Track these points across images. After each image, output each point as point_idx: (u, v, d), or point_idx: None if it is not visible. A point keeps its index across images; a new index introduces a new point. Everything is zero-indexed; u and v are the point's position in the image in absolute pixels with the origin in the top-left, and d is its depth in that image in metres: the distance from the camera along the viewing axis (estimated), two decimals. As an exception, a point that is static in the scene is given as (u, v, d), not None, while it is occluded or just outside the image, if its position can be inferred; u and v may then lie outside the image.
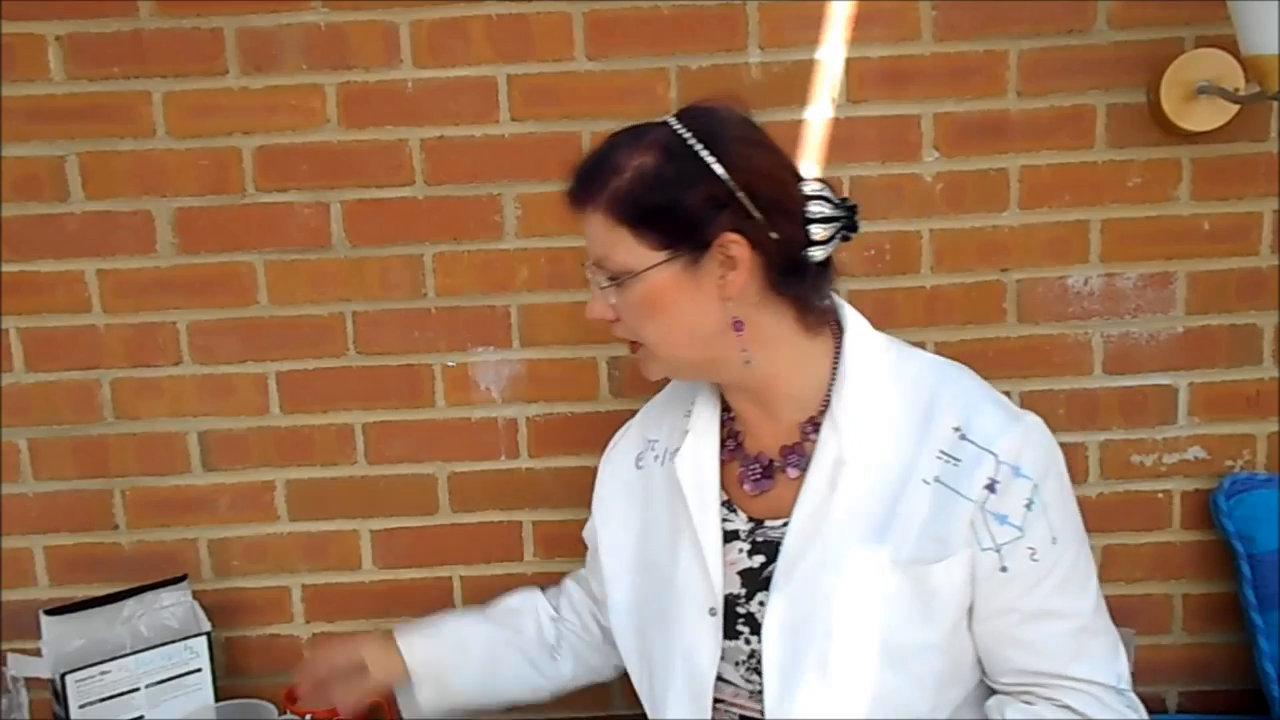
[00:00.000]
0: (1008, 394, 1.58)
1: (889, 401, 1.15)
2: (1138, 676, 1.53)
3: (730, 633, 1.19)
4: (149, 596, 1.59)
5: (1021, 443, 1.12)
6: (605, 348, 1.61)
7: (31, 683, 1.55)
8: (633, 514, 1.30)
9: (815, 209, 1.14)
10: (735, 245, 1.10)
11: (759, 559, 1.18)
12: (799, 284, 1.15)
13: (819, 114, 1.55)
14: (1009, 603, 1.12)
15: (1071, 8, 1.53)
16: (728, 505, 1.22)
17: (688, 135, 1.11)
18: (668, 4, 1.53)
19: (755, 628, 1.17)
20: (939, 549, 1.10)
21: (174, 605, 1.61)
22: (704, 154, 1.10)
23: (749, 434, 1.23)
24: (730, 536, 1.20)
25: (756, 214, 1.10)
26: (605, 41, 1.54)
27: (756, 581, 1.18)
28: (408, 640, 1.36)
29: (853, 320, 1.20)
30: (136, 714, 1.53)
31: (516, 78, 1.55)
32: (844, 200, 1.16)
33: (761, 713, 1.16)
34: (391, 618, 1.68)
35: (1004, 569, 1.10)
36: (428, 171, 1.57)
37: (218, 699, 1.57)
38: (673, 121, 1.13)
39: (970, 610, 1.14)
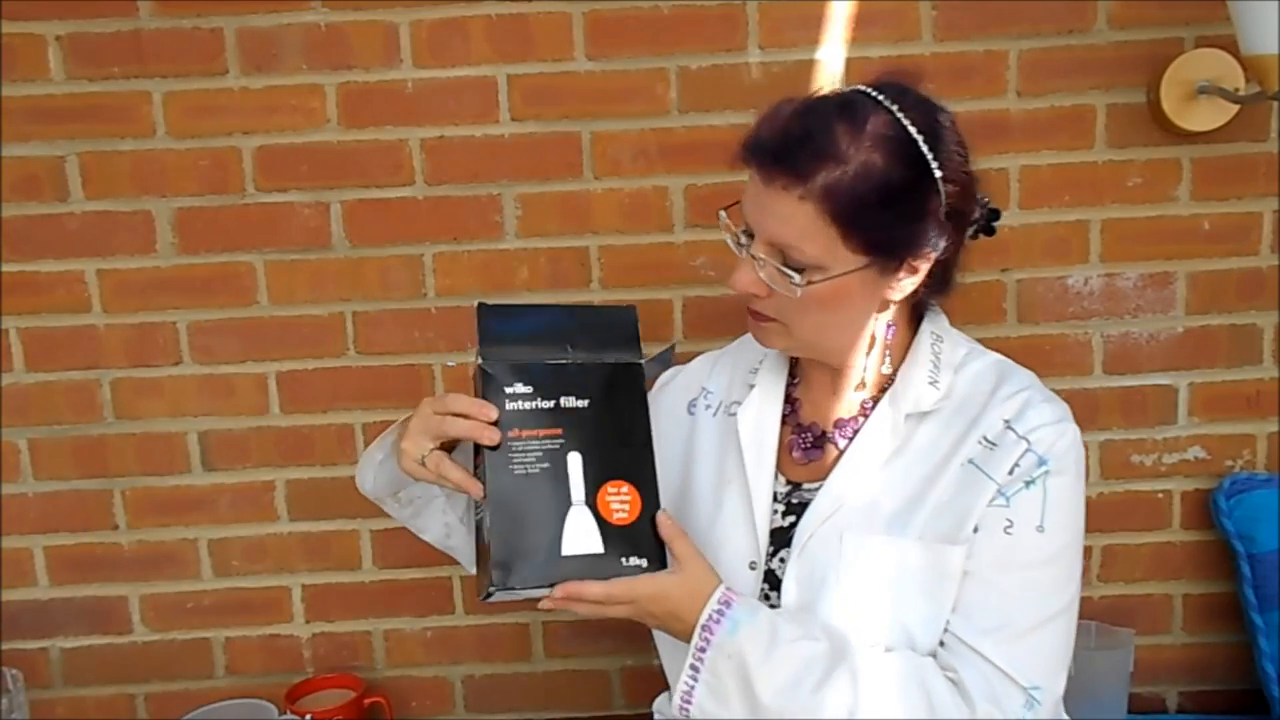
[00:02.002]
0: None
1: (951, 391, 1.15)
2: (1137, 677, 1.54)
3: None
4: None
5: (1059, 439, 1.11)
6: (605, 348, 1.61)
7: (30, 682, 1.55)
8: (676, 455, 1.27)
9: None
10: (926, 261, 1.08)
11: (790, 519, 1.18)
12: (938, 292, 1.15)
13: (819, 114, 1.55)
14: (970, 565, 1.09)
15: (1071, 8, 1.53)
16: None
17: (916, 135, 1.04)
18: (668, 4, 1.53)
19: (775, 584, 1.17)
20: (956, 528, 1.10)
21: None
22: (933, 165, 1.04)
23: (808, 402, 1.22)
24: None
25: (950, 233, 1.08)
26: (605, 41, 1.54)
27: (783, 540, 1.18)
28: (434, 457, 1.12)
29: (932, 313, 1.19)
30: None
31: (516, 78, 1.55)
32: (986, 200, 1.14)
33: None
34: (391, 618, 1.68)
35: (975, 529, 1.09)
36: (428, 171, 1.57)
37: (217, 700, 1.56)
38: (893, 109, 1.04)
39: None
